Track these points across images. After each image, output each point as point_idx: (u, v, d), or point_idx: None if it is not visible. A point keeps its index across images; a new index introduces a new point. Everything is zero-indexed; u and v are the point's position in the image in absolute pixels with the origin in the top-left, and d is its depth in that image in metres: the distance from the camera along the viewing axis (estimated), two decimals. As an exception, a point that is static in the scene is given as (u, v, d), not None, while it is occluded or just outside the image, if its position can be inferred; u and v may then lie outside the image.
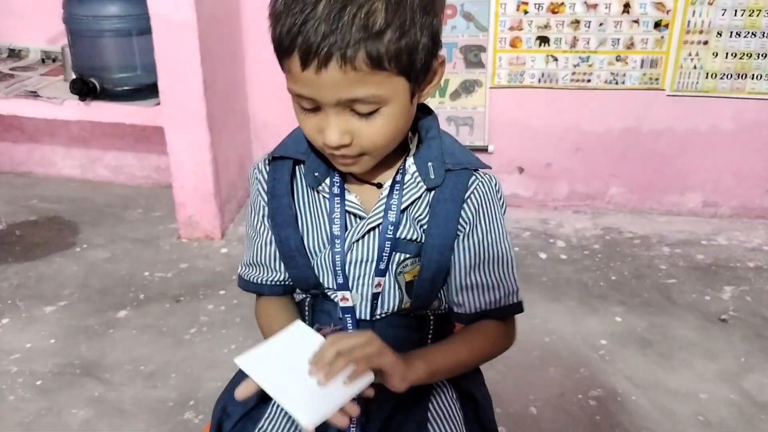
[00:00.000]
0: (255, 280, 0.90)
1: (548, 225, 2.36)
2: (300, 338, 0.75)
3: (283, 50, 0.70)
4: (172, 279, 2.06)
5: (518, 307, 0.86)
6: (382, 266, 0.83)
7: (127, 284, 2.02)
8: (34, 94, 2.21)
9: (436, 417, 0.83)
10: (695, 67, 2.20)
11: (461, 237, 0.83)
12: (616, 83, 2.25)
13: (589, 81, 2.26)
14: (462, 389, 0.88)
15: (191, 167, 2.17)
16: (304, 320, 0.88)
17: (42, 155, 2.72)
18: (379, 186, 0.83)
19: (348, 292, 0.84)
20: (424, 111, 0.85)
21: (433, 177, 0.81)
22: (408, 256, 0.83)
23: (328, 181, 0.83)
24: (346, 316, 0.85)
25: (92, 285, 2.02)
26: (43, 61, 2.52)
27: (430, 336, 0.89)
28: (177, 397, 1.57)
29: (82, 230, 2.33)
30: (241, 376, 0.86)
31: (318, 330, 0.78)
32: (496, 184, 0.86)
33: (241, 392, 0.72)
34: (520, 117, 2.35)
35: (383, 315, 0.85)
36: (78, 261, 2.15)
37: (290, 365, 0.70)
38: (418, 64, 0.71)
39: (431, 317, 0.88)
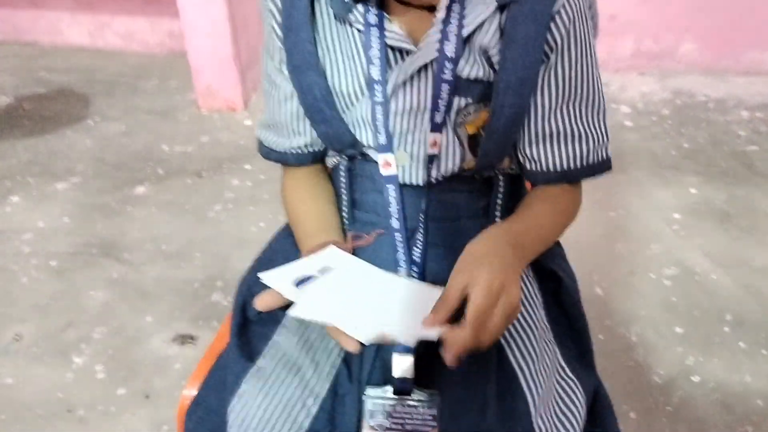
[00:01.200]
0: (277, 148, 0.73)
1: (610, 88, 2.12)
2: (337, 264, 0.62)
3: None
4: (192, 153, 1.90)
5: (607, 163, 0.68)
6: (439, 118, 0.63)
7: (144, 159, 1.87)
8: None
9: None
10: None
11: (543, 68, 0.61)
12: None
13: None
14: (541, 266, 0.71)
15: (206, 27, 1.94)
16: (340, 191, 0.72)
17: (47, 22, 2.51)
18: (432, 9, 0.61)
19: (391, 155, 0.65)
20: None
21: (506, -12, 0.59)
22: (471, 101, 0.62)
23: (360, 7, 0.61)
24: (388, 186, 0.65)
25: (107, 160, 1.88)
26: None
27: (499, 202, 0.70)
28: (203, 278, 1.45)
29: (94, 102, 2.17)
30: (266, 262, 0.70)
31: (354, 238, 0.66)
32: None
33: (263, 303, 0.57)
34: (581, -41, 2.02)
35: (439, 179, 0.65)
36: (91, 135, 2.00)
37: (339, 292, 0.57)
38: None
39: (500, 179, 0.69)
